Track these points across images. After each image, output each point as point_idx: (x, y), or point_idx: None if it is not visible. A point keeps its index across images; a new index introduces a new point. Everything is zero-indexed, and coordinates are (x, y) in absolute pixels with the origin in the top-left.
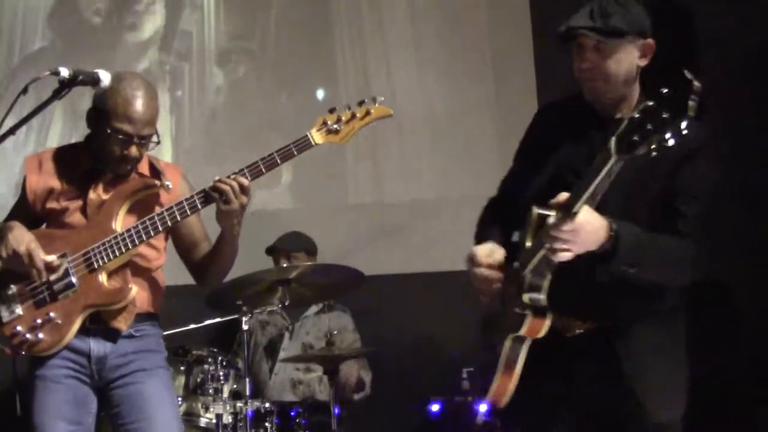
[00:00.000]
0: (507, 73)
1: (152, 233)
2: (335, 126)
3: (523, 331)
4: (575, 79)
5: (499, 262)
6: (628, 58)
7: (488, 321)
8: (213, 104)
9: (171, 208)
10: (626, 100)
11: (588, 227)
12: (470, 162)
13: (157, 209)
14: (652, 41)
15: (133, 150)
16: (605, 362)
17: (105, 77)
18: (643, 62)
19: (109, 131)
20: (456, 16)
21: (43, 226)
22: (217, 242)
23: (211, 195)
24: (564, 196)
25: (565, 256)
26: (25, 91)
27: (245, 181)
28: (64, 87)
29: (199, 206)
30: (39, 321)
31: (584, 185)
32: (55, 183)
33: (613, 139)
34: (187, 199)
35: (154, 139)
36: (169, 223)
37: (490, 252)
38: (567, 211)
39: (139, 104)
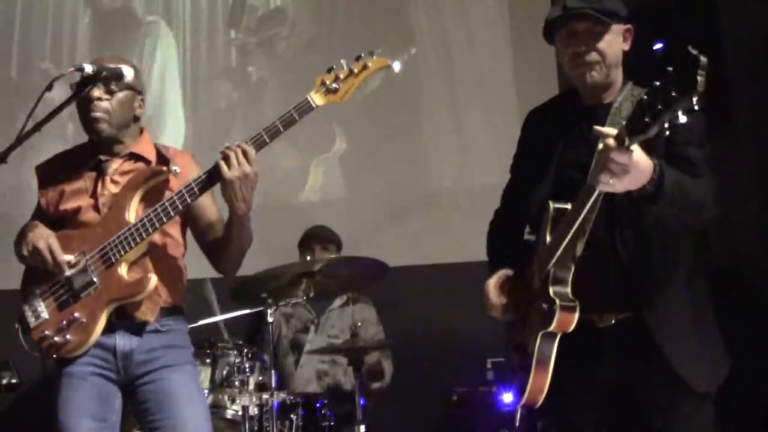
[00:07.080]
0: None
1: (165, 219)
2: (334, 85)
3: (552, 327)
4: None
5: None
6: (617, 41)
7: (512, 323)
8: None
9: (180, 191)
10: (613, 85)
11: (640, 164)
12: (496, 150)
13: (168, 194)
14: (631, 26)
15: (94, 92)
16: (640, 345)
17: (128, 72)
18: (626, 47)
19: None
20: None
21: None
22: (227, 224)
23: (216, 166)
24: (614, 131)
25: (609, 187)
26: (50, 87)
27: (249, 148)
28: (88, 83)
29: (207, 183)
30: (65, 322)
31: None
32: (64, 185)
33: (624, 123)
34: (194, 179)
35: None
36: (180, 207)
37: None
38: (623, 144)
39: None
